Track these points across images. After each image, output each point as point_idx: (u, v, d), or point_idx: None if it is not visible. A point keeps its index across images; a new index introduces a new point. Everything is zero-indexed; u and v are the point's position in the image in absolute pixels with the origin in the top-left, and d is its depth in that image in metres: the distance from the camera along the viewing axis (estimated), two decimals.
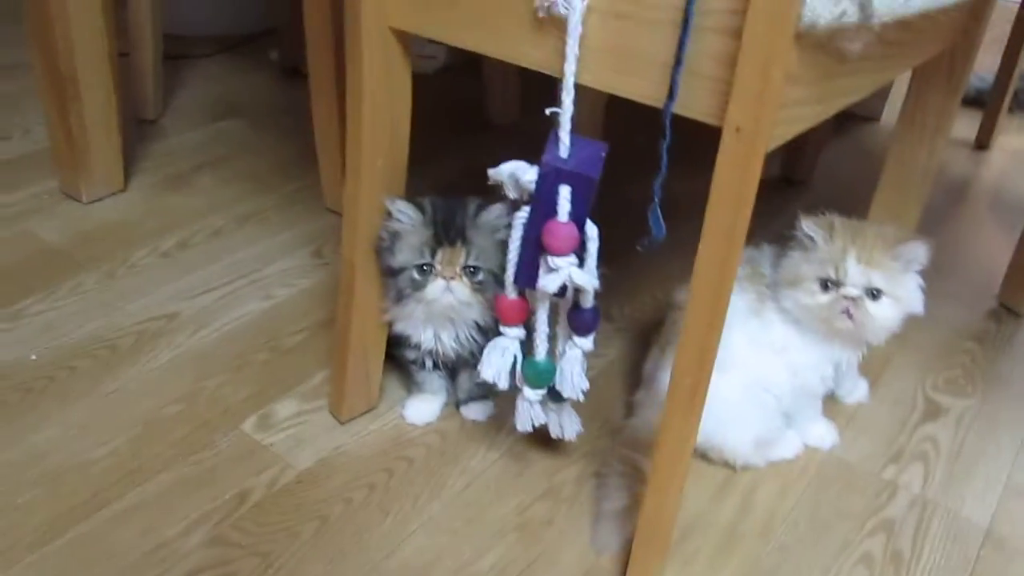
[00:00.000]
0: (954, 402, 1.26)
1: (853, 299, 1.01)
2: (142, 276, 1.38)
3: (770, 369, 1.04)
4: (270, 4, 2.24)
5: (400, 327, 1.08)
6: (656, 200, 0.75)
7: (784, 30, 0.65)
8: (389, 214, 1.00)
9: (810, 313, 1.03)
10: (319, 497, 1.03)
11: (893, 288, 1.02)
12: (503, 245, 1.00)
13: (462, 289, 1.01)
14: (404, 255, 1.00)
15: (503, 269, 0.90)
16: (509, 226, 0.98)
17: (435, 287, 1.01)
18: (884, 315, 1.02)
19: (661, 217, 0.76)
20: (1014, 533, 1.06)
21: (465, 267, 1.01)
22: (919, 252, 1.03)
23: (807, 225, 1.03)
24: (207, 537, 0.97)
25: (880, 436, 1.19)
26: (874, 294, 1.01)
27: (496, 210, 1.00)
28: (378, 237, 1.02)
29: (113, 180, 1.57)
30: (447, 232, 1.00)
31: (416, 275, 1.01)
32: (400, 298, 1.03)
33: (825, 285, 1.02)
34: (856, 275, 1.01)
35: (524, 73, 1.91)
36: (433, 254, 1.00)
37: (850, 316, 1.01)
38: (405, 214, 0.99)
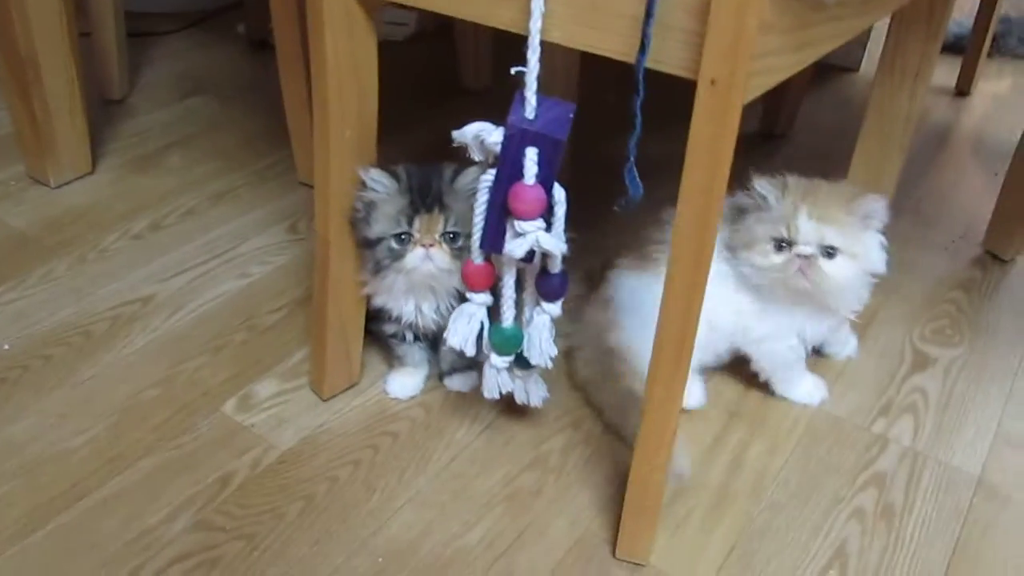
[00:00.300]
0: (942, 352, 1.26)
1: (807, 257, 0.99)
2: (114, 260, 1.35)
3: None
4: None
5: (380, 300, 1.06)
6: (631, 159, 0.73)
7: None
8: (363, 184, 0.98)
9: (766, 275, 1.01)
10: (303, 476, 1.01)
11: (849, 245, 1.00)
12: None
13: (442, 256, 0.99)
14: (381, 225, 0.98)
15: None
16: None
17: (414, 255, 0.98)
18: (840, 274, 1.00)
19: (637, 176, 0.73)
20: (1005, 481, 1.06)
21: (444, 233, 0.98)
22: (876, 208, 1.01)
23: (759, 185, 1.01)
24: (191, 522, 0.95)
25: (869, 389, 1.18)
26: (829, 252, 0.99)
27: (472, 173, 0.98)
28: (352, 208, 0.99)
29: (80, 163, 1.54)
30: (424, 199, 0.98)
31: (394, 244, 0.98)
32: (379, 269, 1.00)
33: (779, 245, 1.00)
34: (809, 232, 0.98)
35: (497, 37, 1.89)
36: (410, 222, 0.98)
37: (805, 275, 0.99)
38: (379, 183, 0.97)
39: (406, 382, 1.13)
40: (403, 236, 0.98)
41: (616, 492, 1.00)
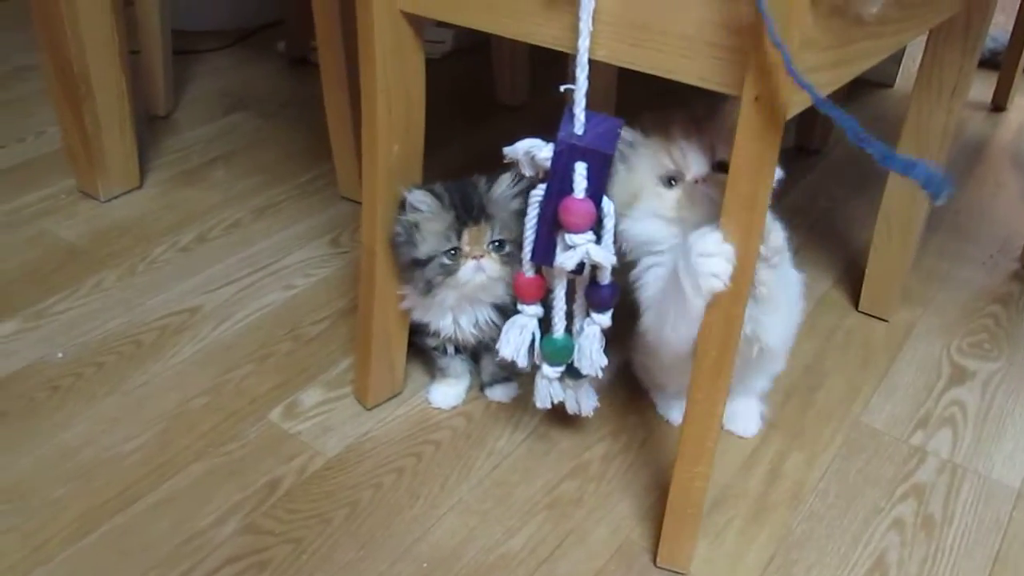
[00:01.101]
0: (980, 365, 1.26)
1: (704, 179, 0.90)
2: (162, 271, 1.39)
3: None
4: None
5: (418, 315, 1.08)
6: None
7: None
8: (402, 207, 1.00)
9: (667, 216, 0.91)
10: (349, 483, 1.04)
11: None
12: (520, 214, 1.00)
13: (492, 265, 1.01)
14: (429, 244, 1.00)
15: None
16: (522, 194, 0.98)
17: (467, 269, 1.00)
18: None
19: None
20: None
21: (491, 243, 1.01)
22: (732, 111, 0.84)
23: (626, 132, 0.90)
24: (239, 526, 0.98)
25: (906, 402, 1.19)
26: (724, 166, 0.85)
27: (506, 180, 1.00)
28: (393, 232, 1.02)
29: (129, 177, 1.58)
30: (468, 212, 1.00)
31: (446, 260, 1.00)
32: (430, 288, 1.02)
33: (669, 181, 0.91)
34: (694, 156, 0.90)
35: (533, 54, 1.91)
36: (459, 236, 1.00)
37: (711, 189, 0.89)
38: (424, 202, 0.99)
39: (448, 392, 1.15)
40: (453, 251, 1.00)
41: (657, 501, 1.02)
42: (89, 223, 1.50)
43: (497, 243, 1.01)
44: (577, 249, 0.82)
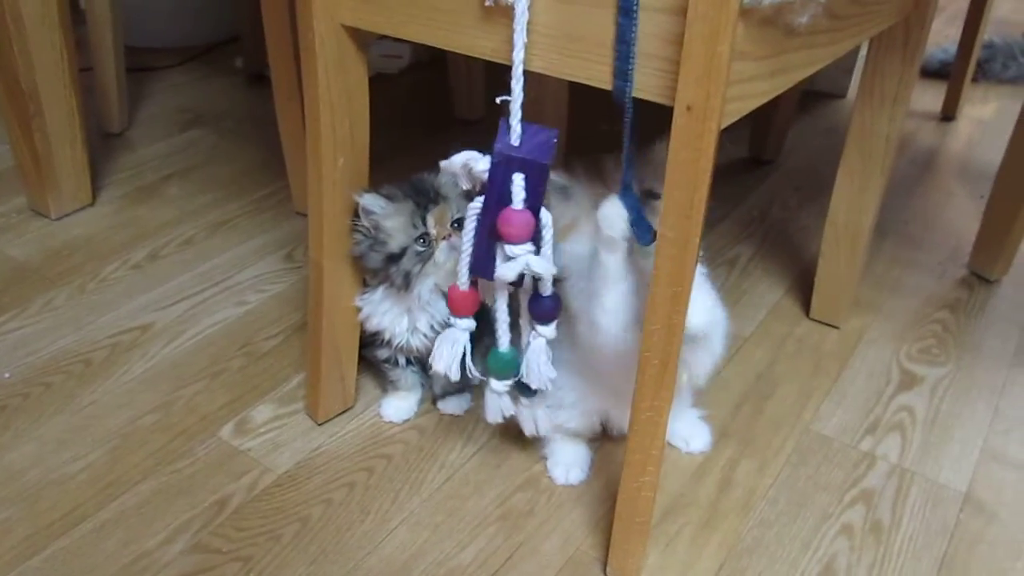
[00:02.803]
0: (929, 371, 1.27)
1: None
2: (114, 289, 1.37)
3: None
4: (232, 12, 2.23)
5: (375, 324, 1.08)
6: (637, 207, 0.74)
7: (728, 6, 0.65)
8: (356, 214, 1.00)
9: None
10: (299, 499, 1.03)
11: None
12: (467, 195, 1.00)
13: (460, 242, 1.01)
14: (397, 238, 1.00)
15: None
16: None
17: (441, 250, 1.01)
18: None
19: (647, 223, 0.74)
20: (991, 497, 1.07)
21: (453, 222, 1.01)
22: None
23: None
24: (188, 545, 0.97)
25: (856, 408, 1.20)
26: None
27: (448, 166, 1.00)
28: (353, 241, 1.02)
29: (81, 195, 1.56)
30: (425, 196, 1.01)
31: (419, 247, 1.01)
32: (409, 280, 1.02)
33: None
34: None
35: (489, 68, 1.92)
36: (424, 221, 1.01)
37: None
38: (377, 204, 0.99)
39: (400, 405, 1.14)
40: (422, 237, 1.01)
41: (607, 511, 1.02)
42: (40, 241, 1.48)
43: (458, 222, 1.01)
44: (517, 260, 0.82)
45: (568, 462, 1.07)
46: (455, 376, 0.94)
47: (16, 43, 1.37)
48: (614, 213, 0.82)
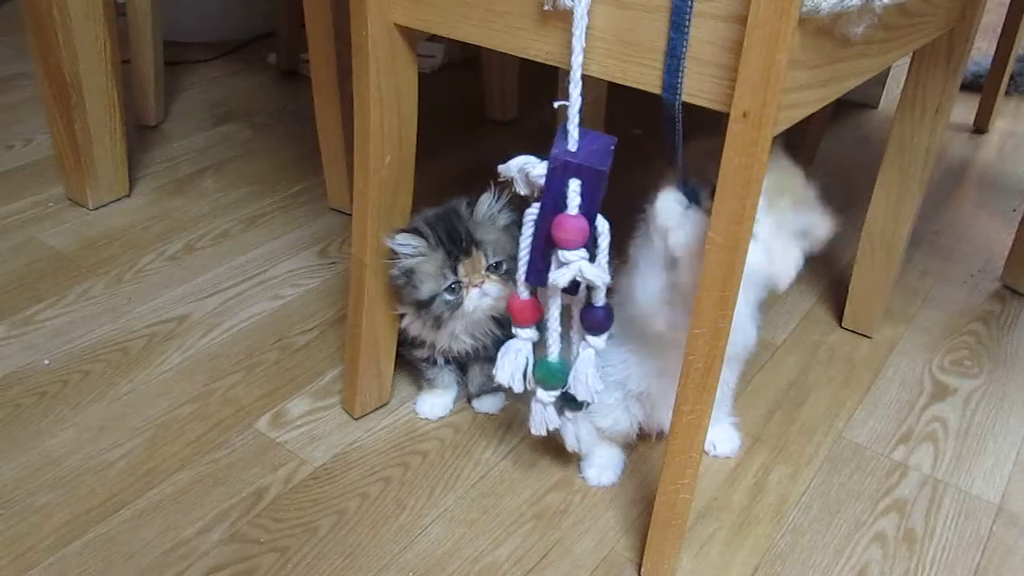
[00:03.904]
0: (961, 383, 1.27)
1: None
2: (150, 280, 1.39)
3: None
4: (267, 9, 2.25)
5: (416, 331, 1.08)
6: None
7: (788, 15, 0.65)
8: (393, 252, 1.00)
9: None
10: (335, 492, 1.04)
11: None
12: (508, 229, 1.00)
13: (494, 287, 1.01)
14: (428, 285, 1.00)
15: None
16: (506, 208, 1.00)
17: (471, 298, 1.01)
18: None
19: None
20: None
21: (488, 267, 1.01)
22: None
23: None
24: (226, 535, 0.98)
25: (889, 418, 1.20)
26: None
27: (486, 200, 1.01)
28: (390, 277, 1.02)
29: (118, 186, 1.58)
30: (457, 245, 1.00)
31: (448, 296, 1.01)
32: (440, 323, 1.03)
33: None
34: None
35: (522, 70, 1.93)
36: (455, 271, 1.00)
37: None
38: (409, 245, 0.99)
39: (435, 403, 1.15)
40: (453, 286, 1.01)
41: (642, 513, 1.02)
42: (77, 231, 1.50)
43: (495, 265, 1.01)
44: (570, 266, 0.81)
45: (602, 464, 1.07)
46: (518, 388, 0.94)
47: (61, 34, 1.39)
48: (670, 202, 0.84)
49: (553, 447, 1.11)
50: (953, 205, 1.77)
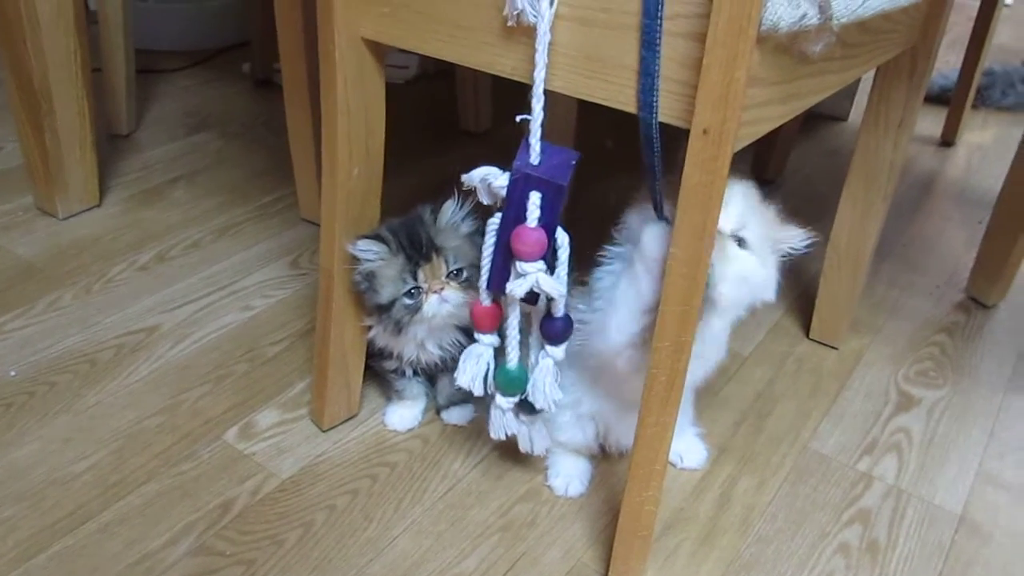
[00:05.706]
0: (926, 393, 1.29)
1: None
2: (120, 290, 1.38)
3: None
4: (241, 17, 2.25)
5: (383, 342, 1.09)
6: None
7: (746, 33, 0.67)
8: (355, 257, 1.01)
9: None
10: (302, 504, 1.04)
11: None
12: (471, 237, 1.01)
13: (454, 294, 1.02)
14: (388, 289, 1.01)
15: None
16: (468, 217, 1.01)
17: (430, 304, 1.01)
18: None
19: None
20: (986, 519, 1.09)
21: (448, 274, 1.02)
22: None
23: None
24: (192, 547, 0.97)
25: (854, 429, 1.21)
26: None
27: (450, 208, 1.02)
28: (352, 282, 1.03)
29: (88, 195, 1.57)
30: (418, 250, 1.00)
31: (408, 301, 1.01)
32: (400, 328, 1.03)
33: None
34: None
35: (496, 82, 1.94)
36: (414, 276, 1.00)
37: None
38: (370, 251, 1.00)
39: (404, 414, 1.15)
40: (412, 291, 1.01)
41: (608, 524, 1.03)
42: (46, 240, 1.49)
43: (455, 272, 1.02)
44: (527, 277, 0.82)
45: (568, 474, 1.08)
46: (479, 392, 0.95)
47: (31, 42, 1.38)
48: (657, 236, 0.83)
49: (521, 458, 1.11)
50: (920, 217, 1.80)
